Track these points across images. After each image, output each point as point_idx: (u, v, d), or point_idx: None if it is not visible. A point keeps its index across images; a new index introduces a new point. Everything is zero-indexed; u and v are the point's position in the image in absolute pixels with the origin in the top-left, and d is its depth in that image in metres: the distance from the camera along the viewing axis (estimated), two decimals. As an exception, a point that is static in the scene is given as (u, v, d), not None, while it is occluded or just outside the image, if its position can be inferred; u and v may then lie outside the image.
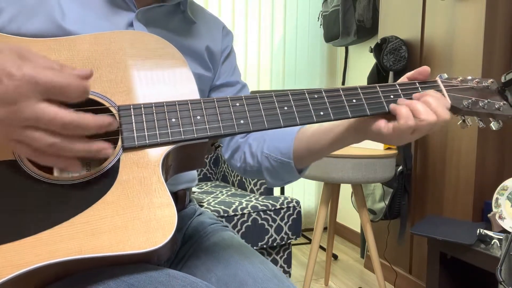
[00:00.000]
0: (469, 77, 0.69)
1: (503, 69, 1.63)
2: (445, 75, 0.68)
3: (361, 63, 2.73)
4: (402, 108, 0.61)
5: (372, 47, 2.03)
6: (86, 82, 0.47)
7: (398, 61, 1.97)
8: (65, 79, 0.45)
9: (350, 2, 2.51)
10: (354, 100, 0.62)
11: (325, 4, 2.75)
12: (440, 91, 0.66)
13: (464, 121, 0.68)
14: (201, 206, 0.91)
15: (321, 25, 2.81)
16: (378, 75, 2.12)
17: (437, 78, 0.68)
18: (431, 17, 1.88)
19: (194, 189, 2.11)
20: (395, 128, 0.60)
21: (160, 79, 0.60)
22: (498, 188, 1.52)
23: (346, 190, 2.41)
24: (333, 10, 2.62)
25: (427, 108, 0.60)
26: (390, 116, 0.62)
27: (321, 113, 0.61)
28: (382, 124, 0.62)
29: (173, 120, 0.56)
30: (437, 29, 1.84)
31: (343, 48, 2.92)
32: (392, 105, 0.62)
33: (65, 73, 0.46)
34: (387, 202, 2.00)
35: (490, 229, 1.46)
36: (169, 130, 0.55)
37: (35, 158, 0.47)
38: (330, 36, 2.70)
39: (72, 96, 0.46)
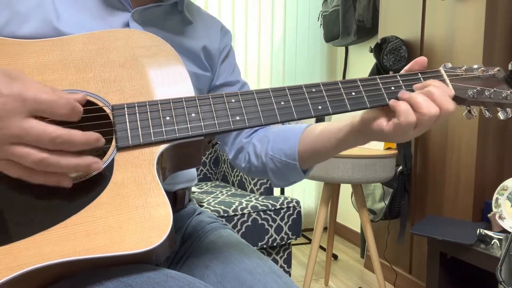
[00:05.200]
0: (475, 66, 0.66)
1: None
2: (450, 64, 0.66)
3: (361, 63, 2.72)
4: (401, 104, 0.58)
5: (372, 47, 2.03)
6: (75, 102, 0.47)
7: (398, 61, 1.97)
8: (53, 95, 0.45)
9: (350, 2, 2.50)
10: (353, 93, 0.60)
11: (325, 4, 2.75)
12: (443, 81, 0.63)
13: (469, 111, 0.65)
14: (201, 206, 0.91)
15: (321, 25, 2.81)
16: (378, 75, 2.11)
17: (441, 68, 0.65)
18: (431, 17, 1.87)
19: (194, 189, 2.11)
20: (396, 125, 0.58)
21: (154, 77, 0.59)
22: (498, 188, 1.52)
23: (346, 190, 2.41)
24: (333, 10, 2.62)
25: (429, 100, 0.57)
26: (392, 113, 0.60)
27: (319, 107, 0.59)
28: (383, 123, 0.59)
29: (168, 118, 0.55)
30: (437, 29, 1.83)
31: (343, 48, 2.92)
32: (391, 101, 0.60)
33: (54, 91, 0.46)
34: (387, 202, 2.00)
35: (490, 229, 1.45)
36: (163, 129, 0.55)
37: (25, 176, 0.46)
38: (330, 36, 2.70)
39: (60, 113, 0.46)
